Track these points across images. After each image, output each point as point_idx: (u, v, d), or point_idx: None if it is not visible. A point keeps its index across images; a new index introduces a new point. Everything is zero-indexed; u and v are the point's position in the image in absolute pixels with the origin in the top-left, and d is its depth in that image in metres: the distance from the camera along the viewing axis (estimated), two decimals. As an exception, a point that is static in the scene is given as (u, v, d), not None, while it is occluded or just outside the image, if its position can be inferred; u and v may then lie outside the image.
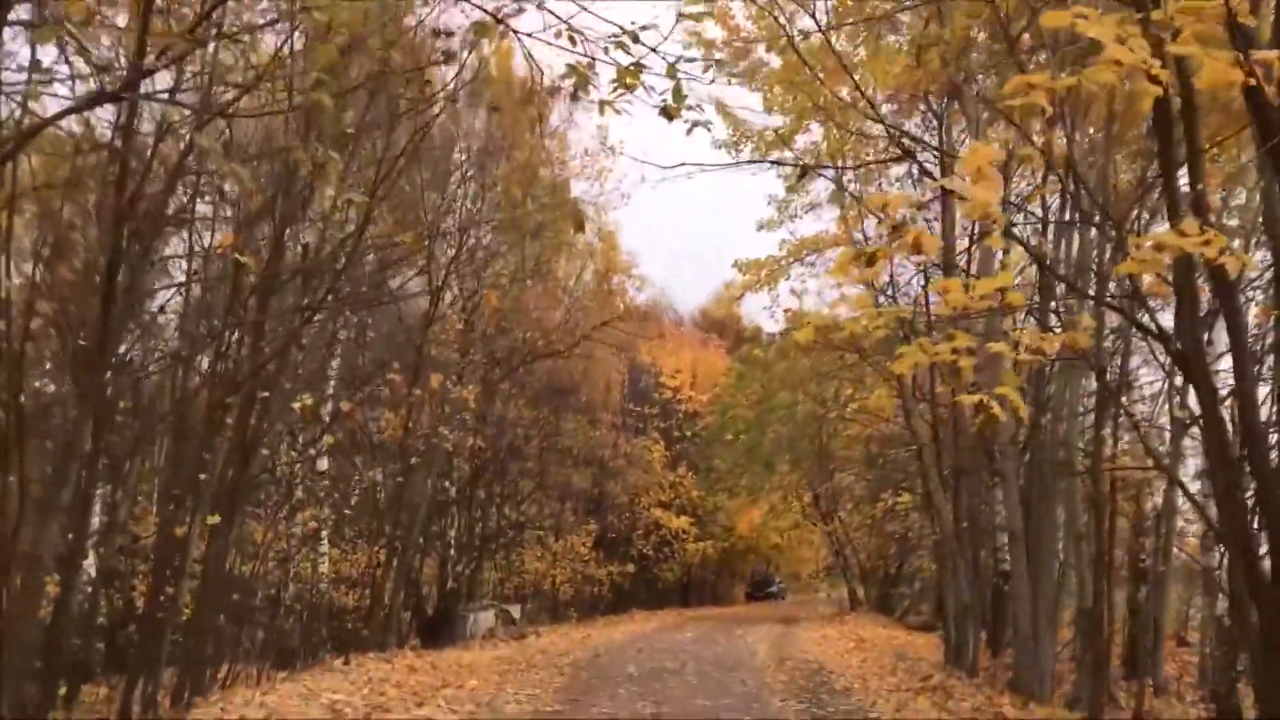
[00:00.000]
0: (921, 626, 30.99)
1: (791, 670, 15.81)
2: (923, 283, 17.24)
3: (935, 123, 16.00)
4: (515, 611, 27.46)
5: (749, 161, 14.69)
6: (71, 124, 8.10)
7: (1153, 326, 6.98)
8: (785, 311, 21.52)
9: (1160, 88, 4.09)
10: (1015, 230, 9.80)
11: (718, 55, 14.21)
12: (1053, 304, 11.23)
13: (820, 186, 20.74)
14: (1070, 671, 14.93)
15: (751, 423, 32.40)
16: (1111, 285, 10.80)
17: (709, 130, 6.24)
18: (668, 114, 5.75)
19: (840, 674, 15.29)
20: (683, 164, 7.50)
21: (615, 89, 5.60)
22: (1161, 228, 11.67)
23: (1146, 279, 7.34)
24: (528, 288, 23.92)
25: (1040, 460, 12.27)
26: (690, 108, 5.75)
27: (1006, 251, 13.46)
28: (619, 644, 21.83)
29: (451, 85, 12.78)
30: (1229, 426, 7.53)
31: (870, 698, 12.57)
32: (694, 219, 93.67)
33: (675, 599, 44.64)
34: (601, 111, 5.79)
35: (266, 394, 10.37)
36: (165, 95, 10.03)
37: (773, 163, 13.88)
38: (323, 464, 22.72)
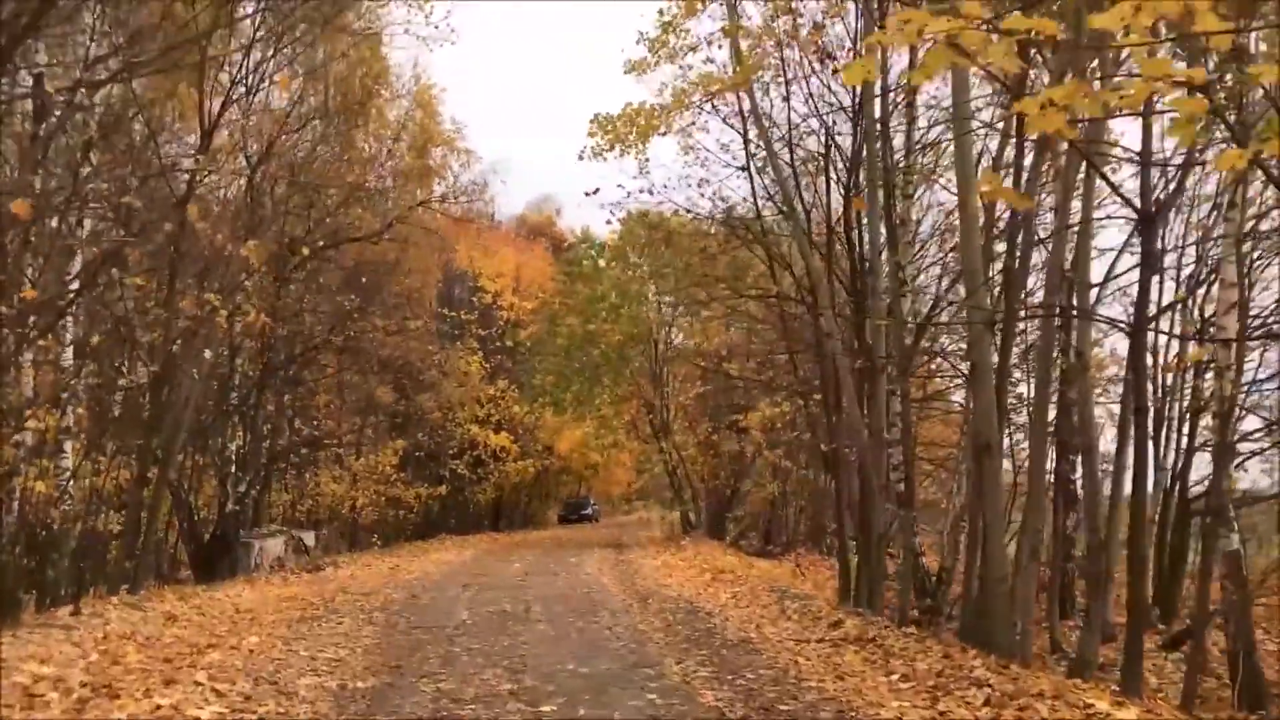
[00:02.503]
0: (757, 553, 29.03)
1: (661, 612, 12.92)
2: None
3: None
4: (309, 538, 23.86)
5: None
6: None
7: None
8: (650, 193, 18.24)
9: None
10: None
11: None
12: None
13: (703, 27, 17.56)
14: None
15: (577, 331, 29.52)
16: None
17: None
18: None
19: (721, 616, 12.51)
20: None
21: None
22: None
23: None
24: (332, 152, 19.74)
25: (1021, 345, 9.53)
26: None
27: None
28: (437, 579, 18.50)
29: None
30: None
31: (780, 652, 9.74)
32: (506, 131, 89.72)
33: (486, 523, 41.45)
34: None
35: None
36: None
37: None
38: (67, 356, 18.38)
